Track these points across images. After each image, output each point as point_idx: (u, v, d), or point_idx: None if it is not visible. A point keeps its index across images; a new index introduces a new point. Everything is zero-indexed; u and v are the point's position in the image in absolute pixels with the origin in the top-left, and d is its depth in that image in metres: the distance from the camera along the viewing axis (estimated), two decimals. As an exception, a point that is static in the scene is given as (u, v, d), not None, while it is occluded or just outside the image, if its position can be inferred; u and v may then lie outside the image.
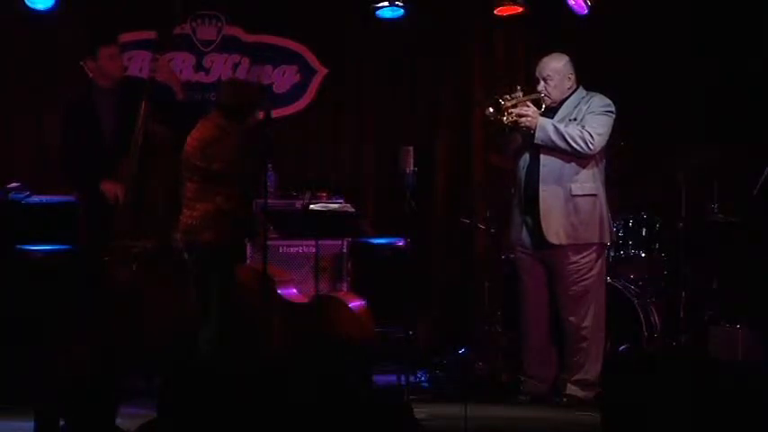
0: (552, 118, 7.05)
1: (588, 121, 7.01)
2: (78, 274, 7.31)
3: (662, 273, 8.08)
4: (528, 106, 7.02)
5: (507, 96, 7.02)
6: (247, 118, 6.83)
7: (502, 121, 7.01)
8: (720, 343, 7.73)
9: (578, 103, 7.09)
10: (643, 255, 8.05)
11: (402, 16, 8.65)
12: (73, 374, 4.54)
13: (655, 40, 8.78)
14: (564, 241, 7.00)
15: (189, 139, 6.79)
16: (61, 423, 4.32)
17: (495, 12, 8.54)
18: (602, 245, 7.13)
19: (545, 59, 7.15)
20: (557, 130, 6.96)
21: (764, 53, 8.54)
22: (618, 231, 7.88)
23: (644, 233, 8.07)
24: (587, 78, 7.22)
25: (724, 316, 7.96)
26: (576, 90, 7.13)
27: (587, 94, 7.13)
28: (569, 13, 8.42)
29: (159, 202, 7.29)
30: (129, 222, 7.24)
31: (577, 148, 6.95)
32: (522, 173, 7.12)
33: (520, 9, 8.46)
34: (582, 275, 7.04)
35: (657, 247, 8.06)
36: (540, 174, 7.01)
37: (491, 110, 7.03)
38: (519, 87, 7.08)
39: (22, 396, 5.85)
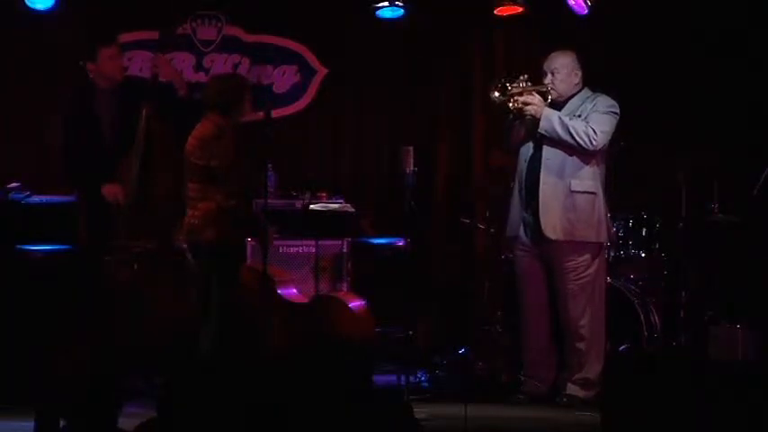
0: (557, 113, 7.08)
1: (593, 118, 7.03)
2: (78, 274, 7.31)
3: (662, 273, 8.08)
4: (533, 95, 7.03)
5: (515, 83, 7.02)
6: (235, 111, 6.79)
7: (507, 105, 7.02)
8: (720, 343, 7.73)
9: (583, 102, 7.12)
10: (643, 255, 8.06)
11: (402, 16, 8.65)
12: (73, 374, 4.54)
13: (655, 40, 8.78)
14: (561, 237, 7.00)
15: (189, 138, 6.79)
16: (61, 423, 4.32)
17: (495, 12, 8.54)
18: (599, 245, 7.12)
19: (553, 54, 7.18)
20: (561, 121, 6.97)
21: (765, 52, 8.54)
22: (618, 231, 7.88)
23: (644, 233, 8.07)
24: (587, 78, 7.22)
25: (724, 316, 7.96)
26: (581, 89, 7.16)
27: (593, 94, 7.15)
28: (569, 13, 8.42)
29: (160, 202, 7.28)
30: (129, 222, 7.24)
31: (580, 142, 6.95)
32: (524, 165, 7.12)
33: (520, 9, 8.46)
34: (579, 274, 7.03)
35: (657, 247, 8.06)
36: (542, 166, 7.02)
37: (497, 94, 7.03)
38: (527, 76, 7.08)
39: (22, 396, 5.84)
